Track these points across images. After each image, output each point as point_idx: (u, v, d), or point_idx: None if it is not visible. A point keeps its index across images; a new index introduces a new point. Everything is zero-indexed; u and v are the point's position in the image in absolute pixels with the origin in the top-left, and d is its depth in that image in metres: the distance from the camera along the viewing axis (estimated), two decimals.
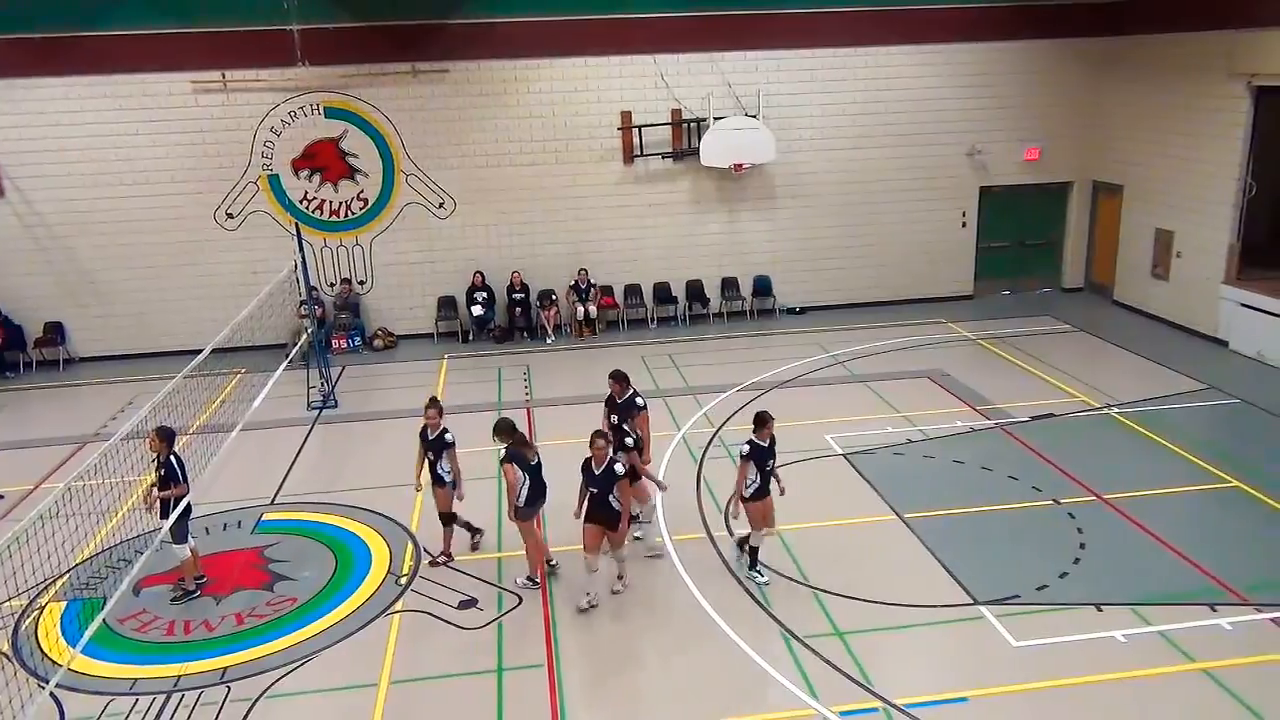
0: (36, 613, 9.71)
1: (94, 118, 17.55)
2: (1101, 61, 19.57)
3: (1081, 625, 8.83)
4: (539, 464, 9.62)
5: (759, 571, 9.81)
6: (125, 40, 17.26)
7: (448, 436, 10.17)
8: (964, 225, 20.40)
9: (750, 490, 9.53)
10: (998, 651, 8.54)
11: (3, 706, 7.72)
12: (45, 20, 16.96)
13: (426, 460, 10.19)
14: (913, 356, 17.06)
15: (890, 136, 19.59)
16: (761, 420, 9.48)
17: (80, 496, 10.45)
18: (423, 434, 10.25)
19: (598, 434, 9.42)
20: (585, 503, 9.39)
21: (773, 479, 9.64)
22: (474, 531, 10.67)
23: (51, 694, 8.04)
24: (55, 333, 18.38)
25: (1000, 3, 19.10)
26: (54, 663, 8.75)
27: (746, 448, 9.47)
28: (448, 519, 10.34)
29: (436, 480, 10.22)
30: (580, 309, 19.04)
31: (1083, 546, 10.24)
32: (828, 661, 8.44)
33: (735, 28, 18.62)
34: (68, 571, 10.37)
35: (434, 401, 10.32)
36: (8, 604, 9.48)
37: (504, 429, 9.62)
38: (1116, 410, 14.02)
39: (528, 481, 9.44)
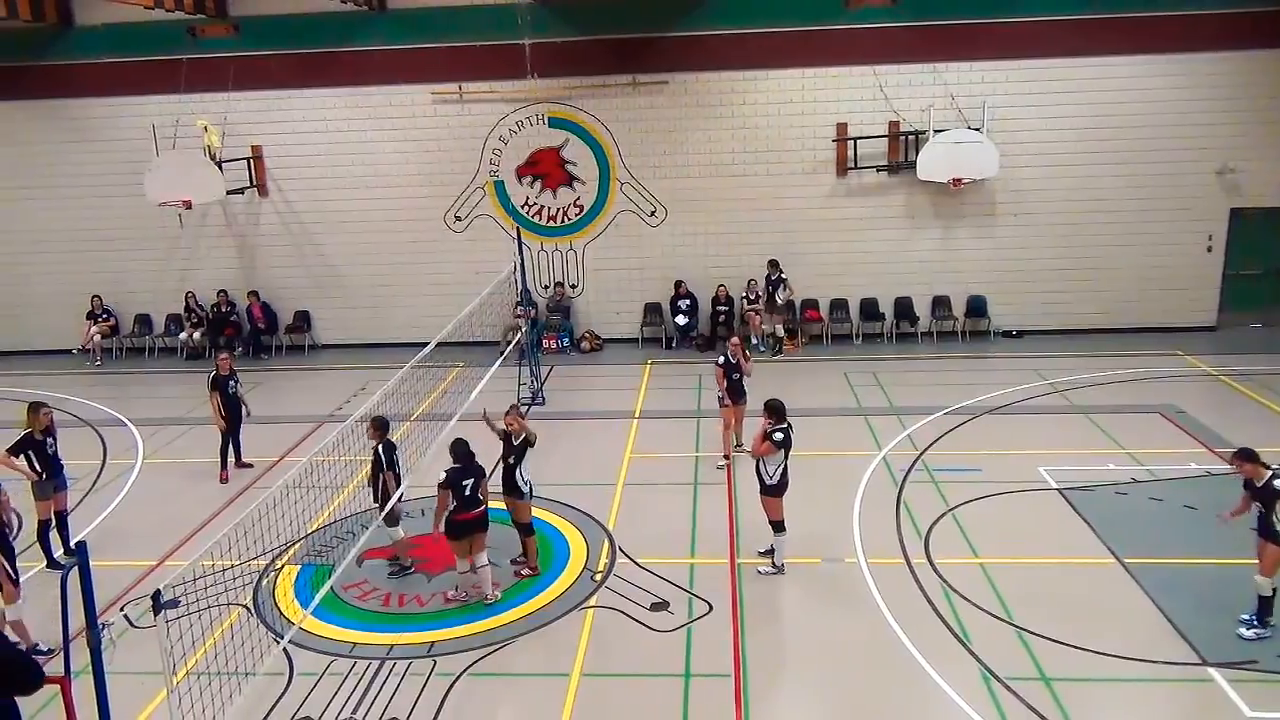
0: (275, 574, 10.75)
1: (346, 125, 19.27)
2: None
3: None
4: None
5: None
6: (376, 55, 18.87)
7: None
8: (1209, 250, 18.71)
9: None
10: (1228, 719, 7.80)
11: (245, 655, 8.60)
12: (308, 38, 18.83)
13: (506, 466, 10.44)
14: (1142, 389, 15.81)
15: (1124, 152, 18.26)
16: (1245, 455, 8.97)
17: (319, 471, 11.48)
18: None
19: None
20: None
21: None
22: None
23: (284, 649, 8.86)
24: (303, 320, 20.31)
25: (1256, 8, 17.41)
26: (288, 620, 9.66)
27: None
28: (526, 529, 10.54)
29: (513, 490, 10.38)
30: (768, 318, 18.72)
31: None
32: (1030, 707, 7.97)
33: (960, 38, 17.98)
34: (303, 538, 11.40)
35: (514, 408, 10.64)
36: (254, 562, 10.53)
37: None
38: None
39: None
